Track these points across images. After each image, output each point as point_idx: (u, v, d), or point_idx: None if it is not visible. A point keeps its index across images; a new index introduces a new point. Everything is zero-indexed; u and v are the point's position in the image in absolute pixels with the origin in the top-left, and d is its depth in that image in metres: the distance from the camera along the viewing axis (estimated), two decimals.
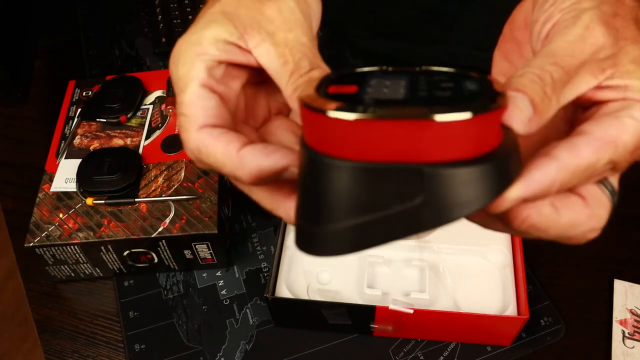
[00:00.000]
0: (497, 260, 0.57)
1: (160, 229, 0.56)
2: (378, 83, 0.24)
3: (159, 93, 0.68)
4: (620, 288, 0.58)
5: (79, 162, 0.60)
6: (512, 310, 0.53)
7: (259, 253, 0.62)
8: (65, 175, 0.60)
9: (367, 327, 0.54)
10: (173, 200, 0.58)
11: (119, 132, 0.64)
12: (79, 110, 0.66)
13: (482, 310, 0.53)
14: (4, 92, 0.77)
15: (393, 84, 0.23)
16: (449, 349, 0.55)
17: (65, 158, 0.62)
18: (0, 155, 0.73)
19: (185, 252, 0.58)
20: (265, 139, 0.32)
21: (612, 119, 0.26)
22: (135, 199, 0.58)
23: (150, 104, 0.66)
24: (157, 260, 0.59)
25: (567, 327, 0.56)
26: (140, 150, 0.62)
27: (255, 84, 0.33)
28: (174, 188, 0.59)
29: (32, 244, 0.56)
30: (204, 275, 0.61)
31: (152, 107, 0.66)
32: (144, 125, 0.64)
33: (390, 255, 0.57)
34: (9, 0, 0.82)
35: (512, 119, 0.24)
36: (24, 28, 0.85)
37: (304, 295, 0.56)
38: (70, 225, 0.57)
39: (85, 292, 0.61)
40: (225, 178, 0.59)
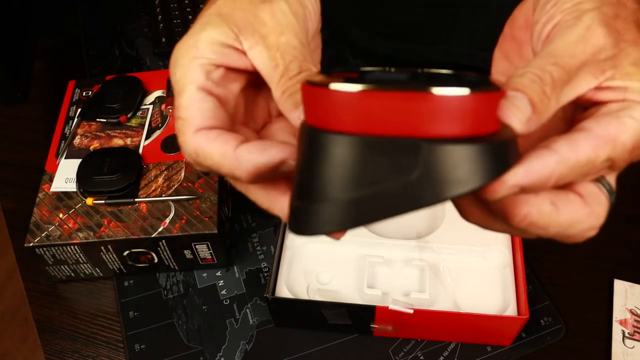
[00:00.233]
0: (497, 260, 0.57)
1: (160, 229, 0.56)
2: (380, 74, 0.24)
3: (159, 93, 0.68)
4: (620, 288, 0.58)
5: (79, 162, 0.60)
6: (512, 310, 0.53)
7: (259, 253, 0.62)
8: (65, 175, 0.60)
9: (367, 327, 0.54)
10: (173, 200, 0.58)
11: (119, 132, 0.64)
12: (79, 110, 0.66)
13: (482, 310, 0.53)
14: (4, 92, 0.77)
15: (395, 75, 0.24)
16: (449, 349, 0.55)
17: (65, 158, 0.62)
18: (0, 155, 0.73)
19: (185, 252, 0.58)
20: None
21: (612, 118, 0.26)
22: (135, 199, 0.58)
23: (150, 104, 0.66)
24: (157, 260, 0.59)
25: (567, 327, 0.56)
26: (140, 150, 0.62)
27: (255, 86, 0.33)
28: (174, 188, 0.59)
29: (32, 244, 0.56)
30: (204, 275, 0.61)
31: (152, 107, 0.66)
32: (144, 125, 0.64)
33: (390, 255, 0.57)
34: (9, 0, 0.82)
35: (511, 118, 0.24)
36: (24, 28, 0.85)
37: (304, 295, 0.56)
38: (70, 225, 0.57)
39: (85, 292, 0.61)
40: (225, 178, 0.59)
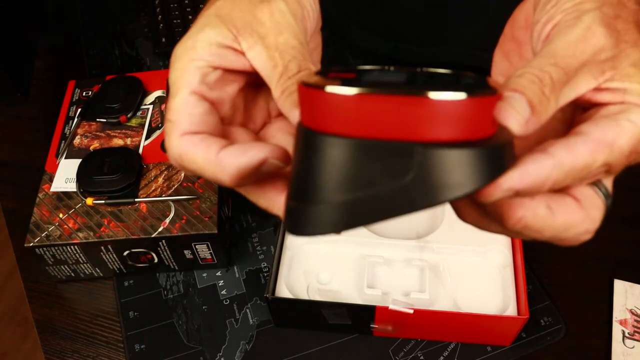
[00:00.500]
0: (497, 260, 0.57)
1: (160, 229, 0.56)
2: (378, 74, 0.24)
3: (159, 93, 0.68)
4: (620, 288, 0.58)
5: (79, 162, 0.60)
6: (512, 310, 0.53)
7: (259, 253, 0.62)
8: (65, 175, 0.60)
9: (367, 327, 0.54)
10: (173, 200, 0.58)
11: (119, 132, 0.64)
12: (79, 110, 0.66)
13: (482, 310, 0.53)
14: (4, 92, 0.77)
15: (393, 76, 0.24)
16: (449, 349, 0.55)
17: (65, 158, 0.62)
18: (0, 155, 0.73)
19: (185, 252, 0.58)
20: (265, 142, 0.32)
21: (610, 121, 0.26)
22: (135, 199, 0.58)
23: (150, 104, 0.66)
24: (157, 260, 0.59)
25: (567, 327, 0.56)
26: (140, 150, 0.62)
27: (255, 87, 0.33)
28: (174, 188, 0.59)
29: (32, 244, 0.56)
30: (204, 275, 0.61)
31: (152, 107, 0.66)
32: (144, 125, 0.64)
33: (390, 255, 0.57)
34: (9, 0, 0.82)
35: (508, 120, 0.24)
36: (24, 28, 0.85)
37: (304, 295, 0.56)
38: (70, 225, 0.57)
39: (85, 292, 0.61)
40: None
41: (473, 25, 0.67)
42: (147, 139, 0.63)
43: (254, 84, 0.33)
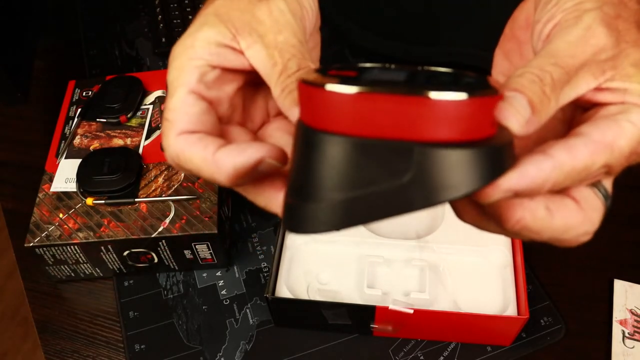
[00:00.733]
0: (497, 260, 0.57)
1: (160, 229, 0.56)
2: (379, 72, 0.24)
3: (159, 93, 0.68)
4: (620, 288, 0.58)
5: (79, 162, 0.60)
6: (512, 310, 0.53)
7: (259, 253, 0.62)
8: (65, 175, 0.60)
9: (367, 327, 0.54)
10: (173, 200, 0.58)
11: (119, 132, 0.64)
12: (79, 110, 0.66)
13: (482, 310, 0.53)
14: (4, 92, 0.77)
15: (393, 74, 0.24)
16: (449, 349, 0.55)
17: (65, 158, 0.62)
18: (0, 155, 0.73)
19: (185, 252, 0.58)
20: (263, 142, 0.32)
21: (610, 122, 0.26)
22: (135, 199, 0.58)
23: (150, 104, 0.66)
24: (157, 260, 0.59)
25: (567, 327, 0.56)
26: (140, 150, 0.62)
27: (254, 86, 0.33)
28: (174, 188, 0.59)
29: (32, 244, 0.56)
30: (204, 275, 0.61)
31: (152, 107, 0.66)
32: (144, 125, 0.64)
33: (390, 255, 0.57)
34: (9, 0, 0.82)
35: (509, 120, 0.24)
36: (24, 28, 0.85)
37: (304, 295, 0.56)
38: (70, 225, 0.57)
39: (85, 292, 0.61)
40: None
41: (473, 25, 0.67)
42: (147, 139, 0.63)
43: (253, 83, 0.32)
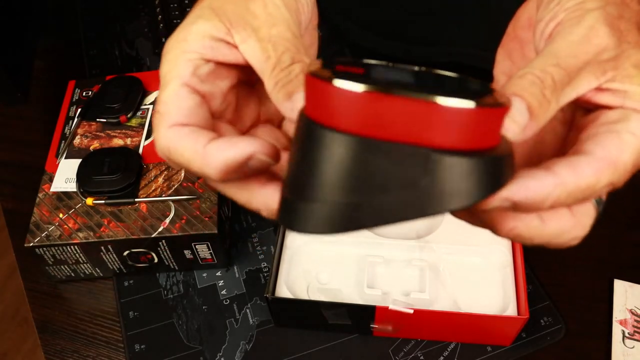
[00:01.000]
0: (497, 260, 0.57)
1: (160, 229, 0.56)
2: (387, 71, 0.24)
3: None
4: (620, 288, 0.58)
5: (79, 162, 0.60)
6: (512, 310, 0.53)
7: (259, 253, 0.62)
8: (65, 175, 0.60)
9: (367, 327, 0.54)
10: (173, 200, 0.58)
11: (119, 132, 0.64)
12: (79, 110, 0.66)
13: (482, 310, 0.53)
14: (4, 92, 0.77)
15: (401, 75, 0.24)
16: (449, 349, 0.55)
17: (65, 158, 0.62)
18: (0, 155, 0.73)
19: (185, 252, 0.58)
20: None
21: (612, 137, 0.25)
22: (135, 199, 0.58)
23: (150, 104, 0.66)
24: (157, 260, 0.59)
25: (567, 327, 0.56)
26: (140, 150, 0.62)
27: (249, 86, 0.33)
28: (174, 188, 0.59)
29: (32, 244, 0.56)
30: (204, 275, 0.61)
31: (152, 107, 0.66)
32: (144, 125, 0.64)
33: (390, 255, 0.57)
34: (9, 0, 0.82)
35: (506, 128, 0.24)
36: (24, 28, 0.85)
37: (304, 295, 0.56)
38: (70, 225, 0.57)
39: (85, 292, 0.61)
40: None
41: (473, 25, 0.67)
42: (147, 139, 0.63)
43: (248, 83, 0.32)
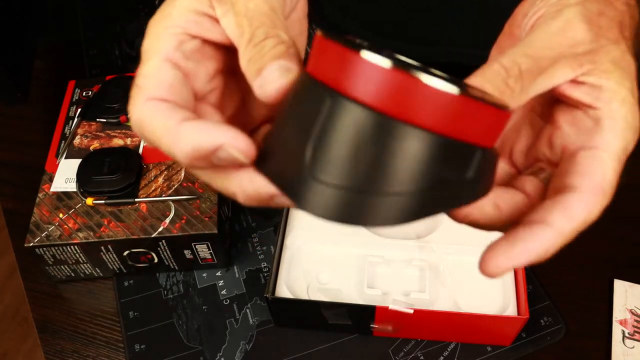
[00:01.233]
0: None
1: (160, 229, 0.56)
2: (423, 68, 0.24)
3: None
4: (620, 288, 0.58)
5: (79, 162, 0.60)
6: (512, 310, 0.53)
7: (259, 253, 0.62)
8: (65, 175, 0.60)
9: (367, 327, 0.54)
10: (173, 200, 0.58)
11: (119, 132, 0.64)
12: (79, 110, 0.66)
13: (482, 310, 0.53)
14: (4, 92, 0.77)
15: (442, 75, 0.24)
16: (449, 349, 0.55)
17: (65, 158, 0.62)
18: (0, 155, 0.73)
19: (185, 252, 0.58)
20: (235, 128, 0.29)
21: (592, 163, 0.26)
22: (135, 199, 0.58)
23: None
24: (157, 260, 0.59)
25: (567, 327, 0.56)
26: (140, 150, 0.62)
27: (235, 75, 0.31)
28: (174, 188, 0.59)
29: (32, 244, 0.56)
30: (204, 275, 0.61)
31: None
32: None
33: (390, 255, 0.57)
34: (9, 0, 0.82)
35: None
36: (24, 28, 0.85)
37: (304, 295, 0.56)
38: (70, 225, 0.57)
39: (85, 292, 0.61)
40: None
41: (473, 25, 0.67)
42: None
43: (235, 71, 0.31)
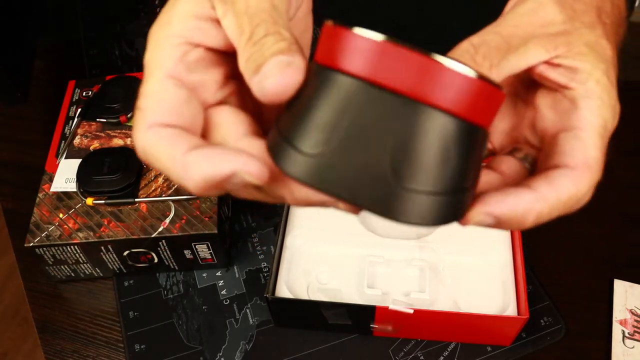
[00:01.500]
0: (497, 260, 0.57)
1: (160, 229, 0.56)
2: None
3: None
4: (620, 288, 0.58)
5: (79, 162, 0.60)
6: (512, 310, 0.53)
7: (259, 253, 0.62)
8: (65, 175, 0.60)
9: (367, 327, 0.54)
10: (173, 200, 0.58)
11: (119, 132, 0.64)
12: (79, 110, 0.66)
13: (482, 310, 0.53)
14: (4, 92, 0.77)
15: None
16: (449, 349, 0.55)
17: (65, 158, 0.62)
18: (0, 155, 0.73)
19: (185, 252, 0.58)
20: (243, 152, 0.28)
21: (575, 144, 0.26)
22: (135, 199, 0.58)
23: None
24: (157, 260, 0.59)
25: (567, 327, 0.56)
26: None
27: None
28: (174, 188, 0.59)
29: (32, 244, 0.56)
30: (204, 275, 0.61)
31: None
32: None
33: (390, 255, 0.57)
34: (9, 0, 0.82)
35: None
36: (24, 28, 0.85)
37: (304, 295, 0.56)
38: (70, 225, 0.57)
39: (85, 292, 0.61)
40: None
41: (473, 26, 0.67)
42: None
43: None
